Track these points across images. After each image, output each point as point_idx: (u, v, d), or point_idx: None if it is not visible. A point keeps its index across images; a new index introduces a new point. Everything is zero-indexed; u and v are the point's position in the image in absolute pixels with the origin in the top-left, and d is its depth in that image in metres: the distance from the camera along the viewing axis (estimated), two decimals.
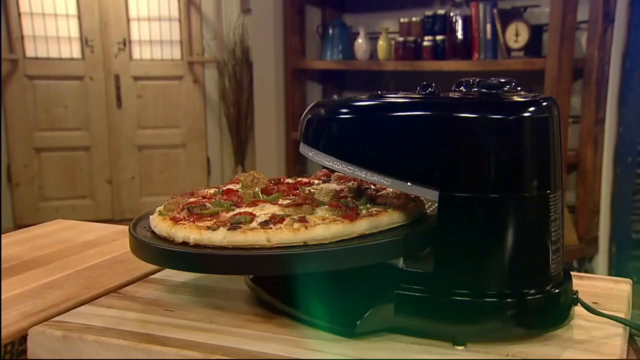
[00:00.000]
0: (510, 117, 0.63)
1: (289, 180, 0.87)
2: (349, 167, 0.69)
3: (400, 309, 0.66)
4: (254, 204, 0.73)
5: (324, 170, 0.91)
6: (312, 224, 0.66)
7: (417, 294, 0.66)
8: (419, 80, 0.73)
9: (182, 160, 4.24)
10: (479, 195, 0.63)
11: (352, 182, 0.84)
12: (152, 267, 0.87)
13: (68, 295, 0.79)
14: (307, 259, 0.63)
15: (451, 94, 0.70)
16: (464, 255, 0.65)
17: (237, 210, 0.71)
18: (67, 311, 0.74)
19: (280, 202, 0.74)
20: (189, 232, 0.66)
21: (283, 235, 0.65)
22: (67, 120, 4.00)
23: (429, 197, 0.66)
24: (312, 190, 0.79)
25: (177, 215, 0.70)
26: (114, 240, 1.06)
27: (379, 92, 0.73)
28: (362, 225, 0.68)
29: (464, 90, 0.70)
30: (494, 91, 0.66)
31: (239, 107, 4.06)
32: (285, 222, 0.67)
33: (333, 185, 0.82)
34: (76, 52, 4.01)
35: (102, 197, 4.13)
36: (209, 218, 0.69)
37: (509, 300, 0.64)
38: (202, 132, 4.24)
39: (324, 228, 0.66)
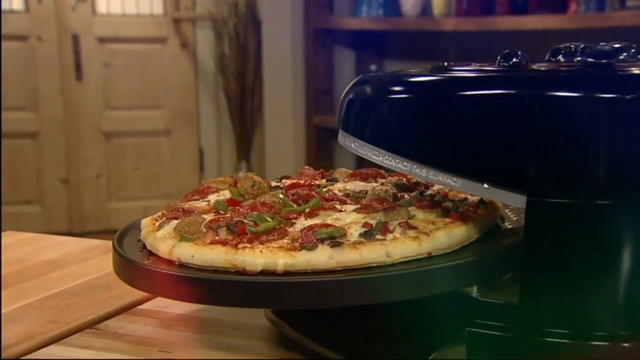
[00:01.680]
0: (628, 96, 0.64)
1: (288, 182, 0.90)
2: (404, 163, 0.71)
3: (474, 352, 0.68)
4: (298, 214, 0.76)
5: (310, 169, 0.94)
6: (425, 230, 0.70)
7: (496, 333, 0.68)
8: (490, 45, 0.74)
9: (166, 152, 4.28)
10: (582, 202, 0.65)
11: (374, 182, 0.88)
12: (139, 295, 0.90)
13: (29, 332, 0.82)
14: (454, 273, 0.67)
15: (544, 66, 0.71)
16: (561, 281, 0.66)
17: (304, 223, 0.73)
18: (29, 353, 0.76)
19: (340, 208, 0.77)
20: (273, 257, 0.68)
21: (405, 247, 0.68)
22: (6, 96, 4.03)
23: (513, 204, 0.67)
24: (341, 191, 0.84)
25: (221, 238, 0.71)
26: (85, 259, 1.09)
27: (444, 64, 0.75)
28: (476, 230, 0.73)
29: (562, 59, 0.72)
30: (605, 61, 0.68)
31: (242, 81, 4.08)
32: (395, 231, 0.70)
33: (370, 184, 0.86)
34: (17, 2, 4.04)
35: (54, 202, 4.18)
36: (272, 237, 0.71)
37: (625, 345, 0.66)
38: (192, 114, 4.28)
39: (446, 234, 0.70)
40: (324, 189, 0.85)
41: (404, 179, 0.86)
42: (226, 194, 0.85)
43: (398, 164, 0.71)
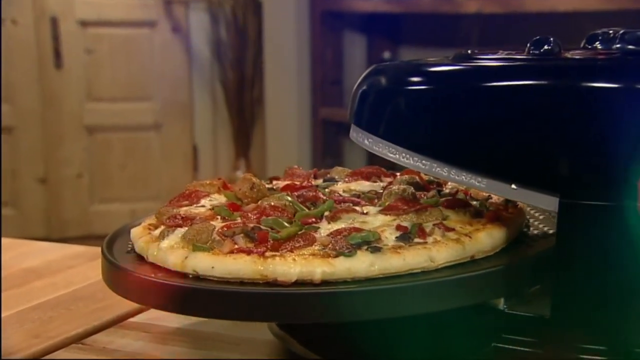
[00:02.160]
0: None
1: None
2: (424, 161, 0.72)
3: None
4: (317, 218, 0.77)
5: (300, 168, 0.95)
6: (465, 232, 0.73)
7: (525, 349, 0.69)
8: (518, 29, 0.75)
9: (156, 149, 4.28)
10: (621, 204, 0.65)
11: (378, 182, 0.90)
12: (129, 307, 0.91)
13: (8, 348, 0.82)
14: (505, 278, 0.70)
15: (580, 54, 0.72)
16: (597, 292, 0.67)
17: (328, 228, 0.74)
18: None
19: (362, 210, 0.79)
20: (308, 266, 0.69)
21: (450, 250, 0.70)
22: None
23: (544, 206, 0.68)
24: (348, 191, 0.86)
25: (241, 247, 0.72)
26: (69, 267, 1.10)
27: (468, 52, 0.76)
28: (514, 230, 0.76)
29: (599, 47, 0.73)
30: None
31: (241, 70, 4.09)
32: (434, 234, 0.72)
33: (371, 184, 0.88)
34: None
35: (31, 205, 4.18)
36: (298, 244, 0.72)
37: None
38: (185, 107, 4.28)
39: (488, 235, 0.72)
40: (326, 190, 0.86)
41: (417, 177, 0.87)
42: (218, 198, 0.86)
43: (416, 162, 0.72)
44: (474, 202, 0.81)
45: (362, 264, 0.68)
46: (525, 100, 0.68)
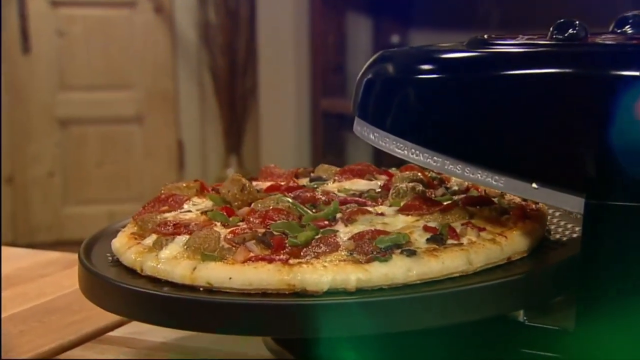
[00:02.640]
0: None
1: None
2: (435, 158, 0.73)
3: None
4: (329, 221, 0.79)
5: (277, 167, 0.96)
6: (498, 231, 0.75)
7: None
8: (540, 11, 0.76)
9: (137, 144, 4.27)
10: None
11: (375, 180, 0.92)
12: (109, 319, 0.91)
13: None
14: (554, 279, 0.73)
15: (608, 38, 0.73)
16: (627, 303, 0.67)
17: (346, 231, 0.76)
18: None
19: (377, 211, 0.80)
20: (341, 273, 0.70)
21: (488, 252, 0.73)
22: None
23: (568, 207, 0.69)
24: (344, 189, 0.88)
25: (258, 254, 0.73)
26: (41, 275, 1.10)
27: (484, 36, 0.77)
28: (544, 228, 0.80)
29: (630, 31, 0.73)
30: None
31: (232, 56, 4.09)
32: (467, 234, 0.75)
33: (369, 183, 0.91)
34: None
35: None
36: (319, 250, 0.73)
37: None
38: (169, 97, 4.28)
39: (522, 235, 0.75)
40: (319, 190, 0.88)
41: (420, 174, 0.89)
42: (200, 202, 0.87)
43: (427, 159, 0.73)
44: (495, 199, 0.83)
45: (399, 269, 0.70)
46: (546, 91, 0.69)
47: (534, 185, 0.70)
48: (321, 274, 0.69)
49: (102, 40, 4.20)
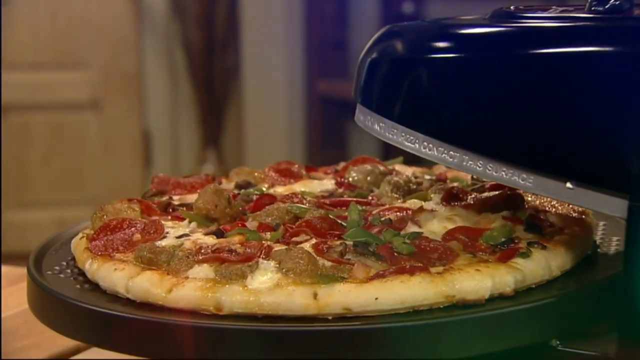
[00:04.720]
0: None
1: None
2: (452, 152, 0.74)
3: None
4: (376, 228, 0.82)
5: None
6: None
7: None
8: None
9: (93, 135, 4.28)
10: None
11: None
12: (64, 345, 0.92)
13: None
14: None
15: None
16: None
17: (427, 230, 0.81)
18: None
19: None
20: (496, 276, 0.74)
21: (564, 255, 0.79)
22: None
23: (608, 211, 0.70)
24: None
25: (378, 270, 0.75)
26: None
27: (511, 8, 0.78)
28: None
29: None
30: None
31: (209, 29, 4.10)
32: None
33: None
34: None
35: None
36: (433, 255, 0.77)
37: None
38: (133, 78, 4.28)
39: (566, 245, 0.79)
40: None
41: (380, 166, 0.96)
42: (170, 224, 0.89)
43: (442, 153, 0.74)
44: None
45: (540, 263, 0.76)
46: (584, 74, 0.70)
47: (568, 184, 0.71)
48: (478, 280, 0.73)
49: (50, 10, 4.20)
